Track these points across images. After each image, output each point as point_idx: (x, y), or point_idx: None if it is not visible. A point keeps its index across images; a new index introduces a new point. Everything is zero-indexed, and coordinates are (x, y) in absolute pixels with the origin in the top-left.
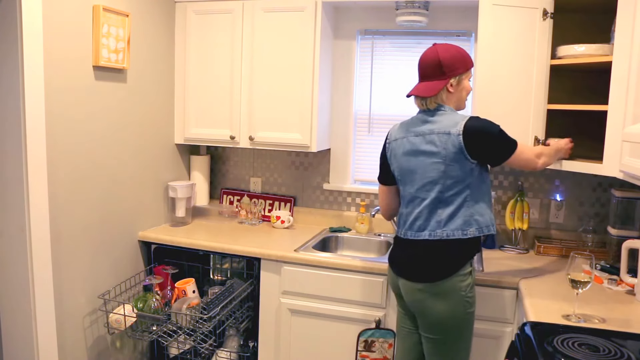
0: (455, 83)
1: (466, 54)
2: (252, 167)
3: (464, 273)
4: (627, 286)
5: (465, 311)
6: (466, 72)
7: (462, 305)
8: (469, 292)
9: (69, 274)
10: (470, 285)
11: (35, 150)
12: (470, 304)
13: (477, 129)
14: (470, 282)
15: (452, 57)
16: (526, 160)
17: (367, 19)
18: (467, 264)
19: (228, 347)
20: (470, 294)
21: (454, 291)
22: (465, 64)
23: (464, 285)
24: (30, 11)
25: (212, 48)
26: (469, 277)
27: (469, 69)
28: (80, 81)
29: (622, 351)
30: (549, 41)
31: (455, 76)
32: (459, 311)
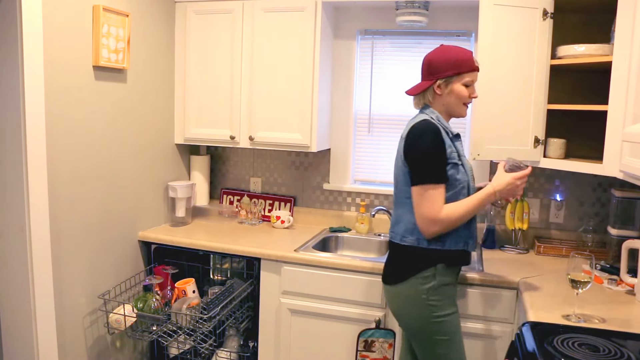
0: (444, 85)
1: (463, 58)
2: (252, 167)
3: (424, 276)
4: (627, 286)
5: (431, 315)
6: (457, 75)
7: (426, 310)
8: (431, 295)
9: (69, 274)
10: (433, 289)
11: (35, 150)
12: (436, 307)
13: (411, 138)
14: (434, 285)
15: (444, 58)
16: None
17: (367, 19)
18: (427, 268)
19: (228, 347)
20: (434, 297)
21: (414, 295)
22: (458, 67)
23: (425, 288)
24: (30, 11)
25: (212, 48)
26: (431, 280)
27: (462, 73)
28: (80, 81)
29: (622, 351)
30: (549, 41)
31: (442, 78)
32: (424, 315)
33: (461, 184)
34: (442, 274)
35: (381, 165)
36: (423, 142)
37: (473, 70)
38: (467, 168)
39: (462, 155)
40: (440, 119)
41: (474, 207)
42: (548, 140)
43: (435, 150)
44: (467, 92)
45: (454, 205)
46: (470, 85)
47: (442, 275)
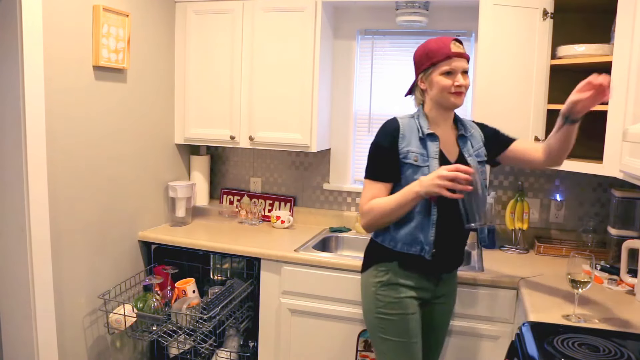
0: (425, 79)
1: (435, 47)
2: (252, 167)
3: (378, 269)
4: (627, 286)
5: (376, 309)
6: (433, 66)
7: (373, 303)
8: (379, 289)
9: (69, 274)
10: (384, 284)
11: (35, 150)
12: (381, 303)
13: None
14: (385, 281)
15: (420, 52)
16: (361, 198)
17: (367, 19)
18: (383, 262)
19: (228, 347)
20: (382, 292)
21: (366, 285)
22: (431, 58)
23: (375, 281)
24: (30, 11)
25: (212, 48)
26: (385, 274)
27: (437, 62)
28: (80, 81)
29: (622, 351)
30: (549, 41)
31: (421, 72)
32: (370, 308)
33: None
34: (396, 273)
35: None
36: (375, 138)
37: (449, 58)
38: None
39: (433, 157)
40: (421, 117)
41: (395, 202)
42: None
43: (378, 148)
44: (448, 81)
45: (379, 200)
46: (453, 73)
47: (395, 274)
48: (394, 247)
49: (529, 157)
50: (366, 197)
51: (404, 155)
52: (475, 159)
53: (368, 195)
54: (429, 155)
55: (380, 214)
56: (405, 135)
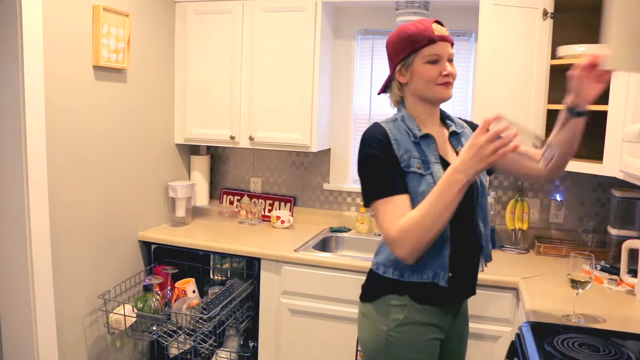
0: (404, 70)
1: (415, 31)
2: (252, 167)
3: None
4: (627, 286)
5: (386, 349)
6: (414, 53)
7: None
8: (394, 330)
9: (69, 274)
10: (401, 323)
11: (35, 150)
12: (395, 347)
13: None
14: (402, 320)
15: (394, 39)
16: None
17: (367, 19)
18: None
19: (228, 347)
20: (399, 334)
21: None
22: (411, 44)
23: (389, 318)
24: (30, 11)
25: (212, 48)
26: (400, 311)
27: (419, 48)
28: (80, 81)
29: (622, 351)
30: (549, 41)
31: (399, 62)
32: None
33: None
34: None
35: None
36: (362, 150)
37: (432, 42)
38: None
39: (434, 162)
40: (407, 118)
41: (433, 201)
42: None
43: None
44: (433, 70)
45: (412, 215)
46: (438, 61)
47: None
48: (399, 277)
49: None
50: (389, 221)
51: (405, 163)
52: None
53: (390, 217)
54: (429, 161)
55: (423, 230)
56: (398, 140)
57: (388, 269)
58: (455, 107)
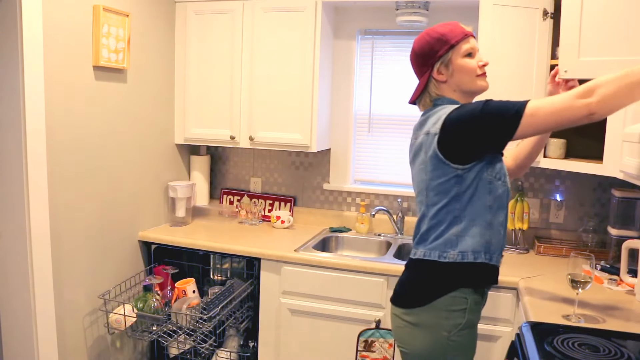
0: (444, 68)
1: (448, 29)
2: (252, 167)
3: (454, 307)
4: (627, 286)
5: (444, 357)
6: (452, 49)
7: (441, 350)
8: (457, 334)
9: (69, 274)
10: (463, 327)
11: (35, 150)
12: (455, 351)
13: (454, 119)
14: (464, 323)
15: (429, 40)
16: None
17: (367, 19)
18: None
19: (228, 347)
20: (460, 337)
21: (430, 329)
22: (448, 41)
23: (451, 324)
24: (30, 11)
25: (212, 48)
26: (463, 312)
27: (453, 44)
28: (80, 81)
29: (622, 351)
30: (549, 41)
31: (437, 60)
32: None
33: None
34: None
35: (381, 166)
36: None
37: (466, 37)
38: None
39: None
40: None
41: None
42: (548, 140)
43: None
44: (472, 62)
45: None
46: (473, 54)
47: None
48: (462, 258)
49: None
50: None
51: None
52: None
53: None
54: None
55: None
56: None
57: (446, 250)
58: None
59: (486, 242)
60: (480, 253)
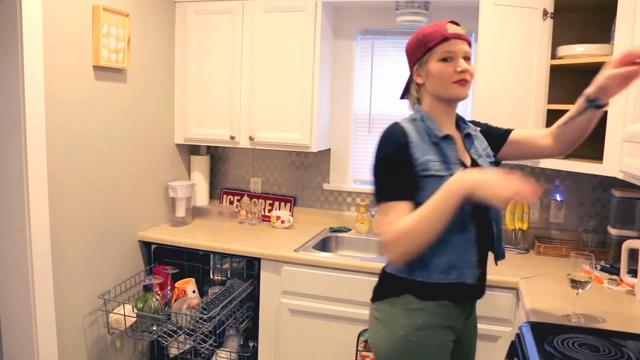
0: (421, 70)
1: (429, 31)
2: (252, 167)
3: (411, 308)
4: (627, 286)
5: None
6: (428, 52)
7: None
8: (413, 334)
9: (69, 274)
10: (419, 327)
11: (35, 151)
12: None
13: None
14: (421, 324)
15: (412, 41)
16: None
17: (367, 19)
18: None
19: (228, 347)
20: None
21: (389, 324)
22: (425, 43)
23: (407, 322)
24: (30, 11)
25: (213, 48)
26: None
27: (432, 47)
28: (81, 81)
29: (622, 351)
30: (549, 41)
31: (415, 63)
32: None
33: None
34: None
35: None
36: (380, 150)
37: (445, 40)
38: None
39: (455, 162)
40: (427, 118)
41: (433, 213)
42: None
43: (388, 160)
44: (447, 68)
45: (408, 219)
46: (453, 58)
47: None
48: (426, 278)
49: (537, 144)
50: (388, 223)
51: (423, 166)
52: (487, 160)
53: (390, 220)
54: (450, 162)
55: (418, 234)
56: (416, 142)
57: (413, 270)
58: None
59: (423, 261)
60: (416, 271)
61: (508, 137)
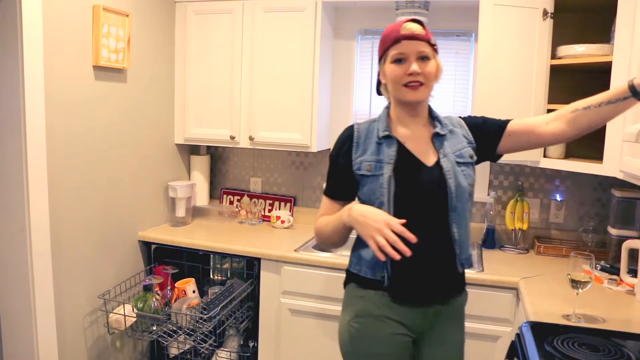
0: (381, 71)
1: (386, 32)
2: (252, 167)
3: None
4: (627, 286)
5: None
6: (385, 53)
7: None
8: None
9: (69, 274)
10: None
11: (35, 150)
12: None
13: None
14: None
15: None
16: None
17: (367, 19)
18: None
19: (228, 347)
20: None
21: (344, 307)
22: (382, 45)
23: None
24: (30, 11)
25: (212, 48)
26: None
27: (388, 48)
28: (80, 81)
29: (622, 351)
30: (549, 41)
31: (379, 64)
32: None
33: (373, 203)
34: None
35: None
36: (332, 149)
37: (397, 41)
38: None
39: (387, 162)
40: (381, 118)
41: (330, 229)
42: None
43: (332, 161)
44: (398, 70)
45: (324, 220)
46: (405, 60)
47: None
48: (358, 271)
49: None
50: (319, 214)
51: (357, 166)
52: (453, 160)
53: (320, 212)
54: (382, 161)
55: (325, 235)
56: (360, 143)
57: (352, 260)
58: (456, 107)
59: (357, 255)
60: (352, 263)
61: (505, 129)
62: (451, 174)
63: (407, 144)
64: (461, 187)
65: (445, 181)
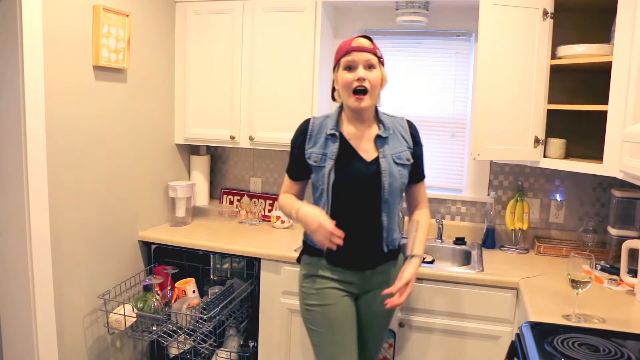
0: (335, 78)
1: (341, 45)
2: (252, 167)
3: (304, 262)
4: (627, 286)
5: (303, 301)
6: (338, 63)
7: (300, 294)
8: (303, 281)
9: (69, 274)
10: (306, 276)
11: (35, 150)
12: (304, 294)
13: None
14: (306, 273)
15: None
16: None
17: (367, 19)
18: (306, 254)
19: (228, 347)
20: (305, 284)
21: (298, 278)
22: (337, 55)
23: (301, 273)
24: (30, 11)
25: (212, 48)
26: (305, 267)
27: (340, 58)
28: (80, 81)
29: (622, 351)
30: (549, 41)
31: (334, 71)
32: (300, 300)
33: (318, 188)
34: (316, 265)
35: None
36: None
37: (348, 53)
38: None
39: (330, 157)
40: (332, 116)
41: (286, 210)
42: (548, 140)
43: (291, 146)
44: (348, 77)
45: (283, 198)
46: (354, 68)
47: (316, 266)
48: (307, 239)
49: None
50: (282, 190)
51: (308, 156)
52: (391, 161)
53: (282, 189)
54: (326, 155)
55: (284, 214)
56: (313, 136)
57: (305, 235)
58: (456, 107)
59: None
60: (305, 235)
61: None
62: (387, 173)
63: (352, 141)
64: (394, 185)
65: (380, 177)
